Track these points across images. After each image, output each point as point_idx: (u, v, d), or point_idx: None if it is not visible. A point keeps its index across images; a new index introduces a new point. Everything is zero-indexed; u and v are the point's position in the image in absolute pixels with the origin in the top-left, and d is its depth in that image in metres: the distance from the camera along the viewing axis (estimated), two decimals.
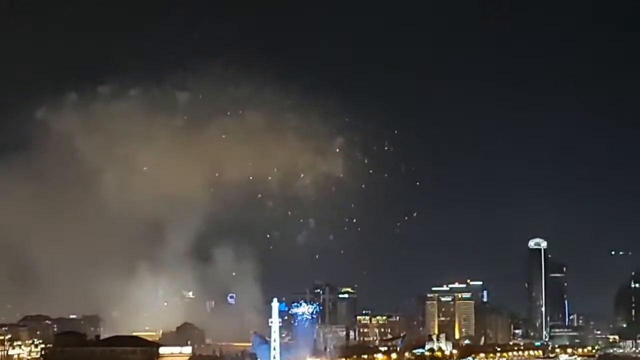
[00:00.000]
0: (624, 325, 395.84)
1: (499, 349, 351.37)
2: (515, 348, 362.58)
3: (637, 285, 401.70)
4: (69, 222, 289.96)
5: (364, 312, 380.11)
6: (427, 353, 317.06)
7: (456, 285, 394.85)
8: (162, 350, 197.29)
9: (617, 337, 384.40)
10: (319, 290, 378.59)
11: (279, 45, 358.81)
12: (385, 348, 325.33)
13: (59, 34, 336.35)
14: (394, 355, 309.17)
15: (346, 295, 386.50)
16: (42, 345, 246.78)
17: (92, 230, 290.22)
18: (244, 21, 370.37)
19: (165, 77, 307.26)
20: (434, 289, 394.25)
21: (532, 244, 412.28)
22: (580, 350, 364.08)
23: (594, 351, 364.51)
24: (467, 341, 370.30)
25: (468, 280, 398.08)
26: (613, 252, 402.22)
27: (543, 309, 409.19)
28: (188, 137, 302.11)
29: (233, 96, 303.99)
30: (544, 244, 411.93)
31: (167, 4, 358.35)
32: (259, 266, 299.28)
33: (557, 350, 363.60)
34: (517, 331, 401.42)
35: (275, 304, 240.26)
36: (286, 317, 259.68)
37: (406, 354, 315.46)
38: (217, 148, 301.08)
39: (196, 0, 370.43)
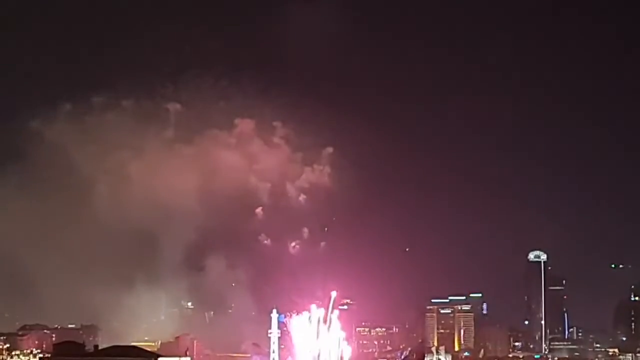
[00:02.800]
0: (624, 339, 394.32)
1: None
2: None
3: (636, 298, 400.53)
4: (63, 232, 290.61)
5: (363, 323, 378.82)
6: None
7: (456, 297, 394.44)
8: None
9: (616, 350, 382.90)
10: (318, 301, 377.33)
11: (269, 58, 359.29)
12: None
13: (52, 46, 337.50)
14: None
15: (345, 307, 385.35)
16: (41, 355, 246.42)
17: (87, 240, 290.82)
18: (234, 34, 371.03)
19: (158, 89, 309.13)
20: (433, 300, 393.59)
21: (532, 256, 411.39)
22: None
23: None
24: (466, 353, 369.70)
25: (468, 293, 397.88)
26: (613, 266, 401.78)
27: (542, 321, 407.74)
28: (180, 148, 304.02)
29: (224, 108, 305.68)
30: (543, 257, 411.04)
31: (159, 17, 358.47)
32: (256, 277, 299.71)
33: None
34: (516, 344, 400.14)
35: (274, 315, 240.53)
36: (285, 328, 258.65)
37: None
38: (209, 158, 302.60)
39: (187, 14, 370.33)
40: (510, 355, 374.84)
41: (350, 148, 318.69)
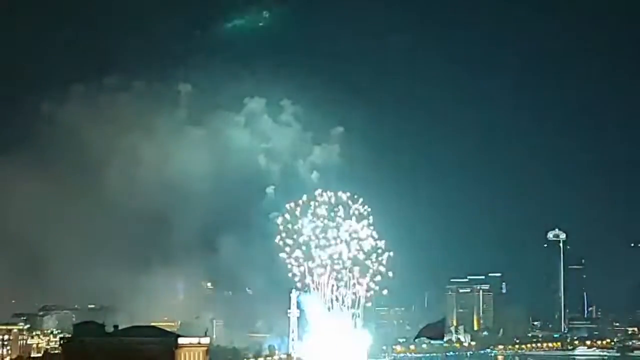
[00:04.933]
0: None
1: (517, 341, 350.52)
2: (534, 340, 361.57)
3: None
4: (79, 213, 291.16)
5: (382, 303, 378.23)
6: (445, 344, 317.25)
7: (475, 276, 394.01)
8: (181, 340, 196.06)
9: (635, 329, 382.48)
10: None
11: (280, 40, 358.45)
12: (404, 339, 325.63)
13: (64, 28, 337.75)
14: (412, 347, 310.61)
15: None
16: (61, 335, 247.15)
17: (102, 221, 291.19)
18: (245, 16, 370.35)
19: (169, 70, 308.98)
20: (452, 280, 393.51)
21: (551, 235, 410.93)
22: (598, 342, 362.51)
23: (612, 343, 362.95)
24: (485, 333, 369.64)
25: (487, 272, 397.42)
26: (632, 244, 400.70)
27: (562, 301, 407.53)
28: (191, 129, 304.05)
29: (234, 89, 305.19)
30: (562, 236, 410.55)
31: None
32: (273, 258, 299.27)
33: (576, 342, 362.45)
34: (535, 323, 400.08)
35: (293, 295, 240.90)
36: (304, 308, 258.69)
37: (424, 345, 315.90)
38: (220, 139, 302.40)
39: None
40: (530, 335, 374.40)
41: (367, 126, 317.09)
